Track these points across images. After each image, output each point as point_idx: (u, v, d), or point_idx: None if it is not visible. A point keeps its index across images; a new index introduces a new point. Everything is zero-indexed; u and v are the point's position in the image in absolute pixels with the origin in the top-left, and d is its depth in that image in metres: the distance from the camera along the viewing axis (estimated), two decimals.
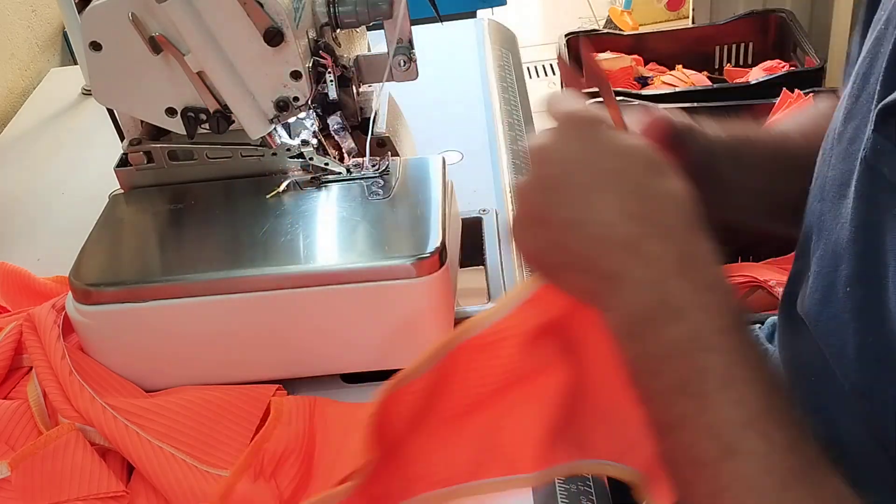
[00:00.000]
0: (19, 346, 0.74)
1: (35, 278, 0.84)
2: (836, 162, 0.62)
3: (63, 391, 0.68)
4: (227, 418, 0.68)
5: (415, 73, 0.83)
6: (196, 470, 0.65)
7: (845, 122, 0.62)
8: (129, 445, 0.65)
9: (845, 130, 0.61)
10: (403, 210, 0.73)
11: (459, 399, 0.59)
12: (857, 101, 0.61)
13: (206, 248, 0.73)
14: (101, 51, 0.72)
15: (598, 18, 3.24)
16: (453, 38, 1.30)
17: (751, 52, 2.40)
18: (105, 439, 0.66)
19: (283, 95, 0.72)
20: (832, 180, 0.62)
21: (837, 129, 0.63)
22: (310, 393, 0.72)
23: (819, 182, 0.64)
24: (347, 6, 0.77)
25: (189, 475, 0.64)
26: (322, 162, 0.78)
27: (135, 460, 0.65)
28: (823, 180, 0.63)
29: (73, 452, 0.65)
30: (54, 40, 1.51)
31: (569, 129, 0.56)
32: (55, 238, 0.97)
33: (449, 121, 1.09)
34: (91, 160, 1.12)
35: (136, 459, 0.65)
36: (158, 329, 0.69)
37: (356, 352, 0.70)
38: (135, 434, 0.65)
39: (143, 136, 0.80)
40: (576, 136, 0.56)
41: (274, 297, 0.67)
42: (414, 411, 0.59)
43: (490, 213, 0.90)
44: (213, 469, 0.65)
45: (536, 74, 2.94)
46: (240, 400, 0.69)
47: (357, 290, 0.66)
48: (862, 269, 0.56)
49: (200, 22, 0.69)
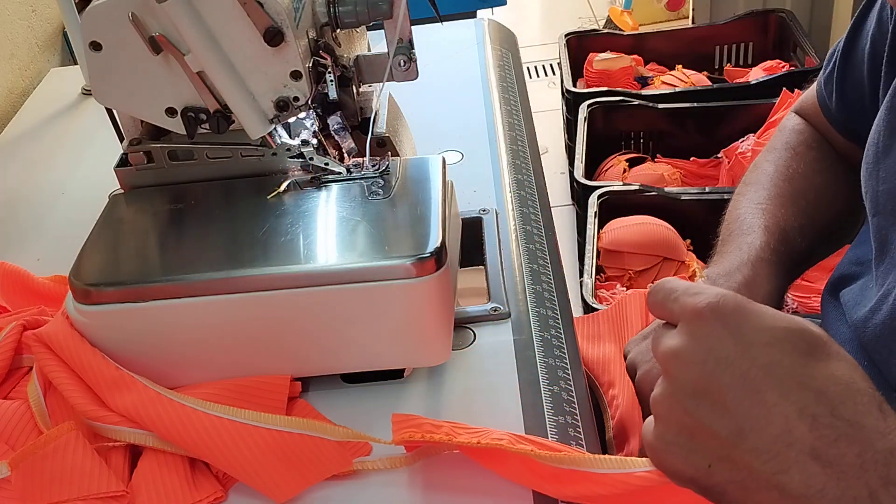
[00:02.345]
0: (19, 346, 0.74)
1: (34, 278, 0.84)
2: (887, 175, 0.62)
3: (93, 395, 0.68)
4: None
5: (415, 73, 0.83)
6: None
7: (891, 136, 0.62)
8: (199, 428, 0.65)
9: (892, 144, 0.61)
10: (403, 210, 0.73)
11: None
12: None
13: (206, 248, 0.73)
14: (101, 51, 0.72)
15: (598, 18, 3.24)
16: (453, 38, 1.30)
17: (751, 52, 2.40)
18: (162, 437, 0.66)
19: (283, 95, 0.72)
20: (885, 194, 0.62)
21: (882, 143, 0.63)
22: (310, 393, 0.72)
23: (871, 196, 0.64)
24: (347, 6, 0.77)
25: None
26: (322, 162, 0.78)
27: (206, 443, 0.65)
28: (875, 194, 0.63)
29: (74, 452, 0.65)
30: (54, 40, 1.51)
31: (701, 325, 0.48)
32: (55, 238, 0.97)
33: (449, 121, 1.09)
34: (91, 160, 1.12)
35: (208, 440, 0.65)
36: (158, 329, 0.69)
37: (356, 352, 0.70)
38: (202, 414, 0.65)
39: (143, 136, 0.80)
40: (711, 331, 0.47)
41: (274, 297, 0.67)
42: None
43: (490, 213, 0.90)
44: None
45: (536, 74, 2.94)
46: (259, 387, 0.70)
47: (357, 290, 0.66)
48: None
49: (200, 22, 0.69)
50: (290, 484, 0.64)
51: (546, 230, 0.90)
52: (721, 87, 2.19)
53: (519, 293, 0.80)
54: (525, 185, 0.96)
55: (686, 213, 1.78)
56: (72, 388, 0.68)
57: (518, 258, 0.84)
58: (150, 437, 0.66)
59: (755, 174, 0.85)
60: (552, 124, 2.47)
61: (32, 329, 0.73)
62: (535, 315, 0.78)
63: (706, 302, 0.48)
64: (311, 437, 0.66)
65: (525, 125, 1.09)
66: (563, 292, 0.83)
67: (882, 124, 0.64)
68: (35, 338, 0.71)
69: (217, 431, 0.65)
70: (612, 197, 1.80)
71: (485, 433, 0.62)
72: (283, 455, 0.64)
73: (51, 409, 0.69)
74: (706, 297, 0.48)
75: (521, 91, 1.17)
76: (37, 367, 0.71)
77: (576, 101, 2.14)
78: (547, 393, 0.70)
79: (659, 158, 2.11)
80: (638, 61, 2.38)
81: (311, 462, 0.65)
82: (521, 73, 1.23)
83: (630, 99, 2.11)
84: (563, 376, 0.72)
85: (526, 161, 1.01)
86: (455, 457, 0.64)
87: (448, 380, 0.73)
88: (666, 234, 1.73)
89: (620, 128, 2.14)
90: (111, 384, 0.67)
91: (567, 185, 2.29)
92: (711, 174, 2.04)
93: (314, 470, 0.64)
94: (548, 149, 2.44)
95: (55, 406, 0.69)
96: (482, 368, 0.73)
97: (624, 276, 1.73)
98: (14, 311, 0.79)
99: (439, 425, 0.64)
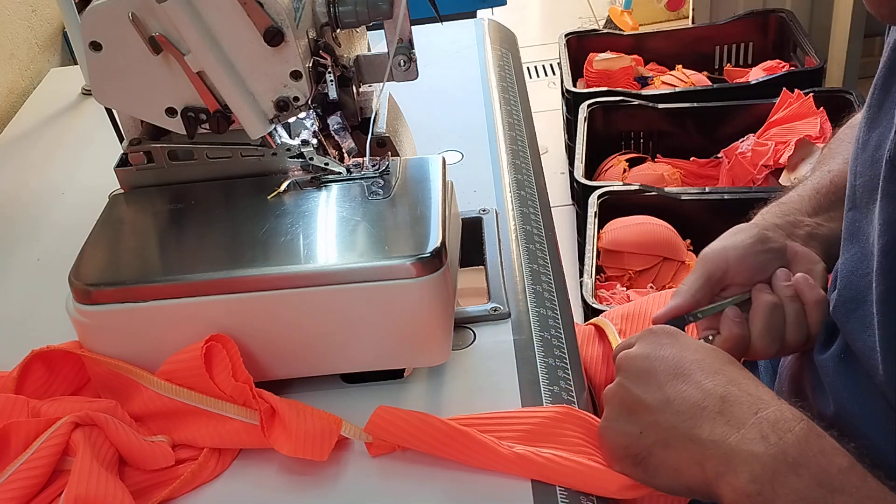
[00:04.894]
0: (67, 447, 0.65)
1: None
2: (863, 169, 0.63)
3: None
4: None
5: (415, 73, 0.83)
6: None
7: (869, 131, 0.63)
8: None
9: (869, 138, 0.63)
10: (403, 210, 0.73)
11: None
12: (879, 111, 0.62)
13: (206, 248, 0.73)
14: (101, 51, 0.72)
15: (598, 18, 3.24)
16: (453, 38, 1.30)
17: (751, 52, 2.40)
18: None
19: (283, 95, 0.72)
20: (861, 187, 0.63)
21: (861, 139, 0.64)
22: (310, 393, 0.72)
23: (850, 191, 0.65)
24: (347, 6, 0.77)
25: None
26: (322, 162, 0.78)
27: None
28: (853, 189, 0.65)
29: None
30: (54, 40, 1.51)
31: (649, 337, 0.65)
32: (55, 238, 0.97)
33: (449, 121, 1.09)
34: (91, 160, 1.12)
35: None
36: (158, 329, 0.69)
37: (356, 352, 0.70)
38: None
39: (143, 136, 0.80)
40: (655, 340, 0.65)
41: (274, 297, 0.67)
42: None
43: (490, 213, 0.90)
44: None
45: (536, 74, 2.94)
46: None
47: (357, 290, 0.66)
48: (887, 263, 0.57)
49: (200, 22, 0.69)
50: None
51: (546, 230, 0.90)
52: (721, 87, 2.19)
53: (519, 293, 0.80)
54: (525, 185, 0.96)
55: (686, 213, 1.78)
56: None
57: (518, 258, 0.84)
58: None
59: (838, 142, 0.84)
60: (552, 124, 2.47)
61: (85, 426, 0.66)
62: (535, 315, 0.78)
63: (656, 326, 0.67)
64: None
65: (525, 125, 1.09)
66: (563, 292, 0.83)
67: (863, 120, 0.65)
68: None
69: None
70: (612, 197, 1.80)
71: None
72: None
73: None
74: (656, 326, 0.67)
75: (521, 91, 1.17)
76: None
77: (576, 101, 2.14)
78: (547, 393, 0.70)
79: (659, 158, 2.11)
80: (638, 61, 2.38)
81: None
82: (521, 73, 1.23)
83: (630, 99, 2.11)
84: (563, 376, 0.72)
85: (526, 161, 1.01)
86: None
87: (448, 380, 0.73)
88: (666, 234, 1.73)
89: (620, 128, 2.14)
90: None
91: (567, 185, 2.29)
92: (711, 174, 2.04)
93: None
94: (548, 149, 2.44)
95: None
96: (482, 368, 0.73)
97: (624, 276, 1.73)
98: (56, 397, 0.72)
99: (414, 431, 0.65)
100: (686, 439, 0.59)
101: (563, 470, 0.62)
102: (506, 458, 0.62)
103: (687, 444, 0.59)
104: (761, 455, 0.55)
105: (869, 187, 0.61)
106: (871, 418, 0.60)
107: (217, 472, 0.67)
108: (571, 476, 0.62)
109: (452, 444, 0.63)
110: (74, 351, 0.71)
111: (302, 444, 0.64)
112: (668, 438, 0.60)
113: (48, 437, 0.65)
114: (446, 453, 0.64)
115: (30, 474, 0.63)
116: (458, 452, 0.64)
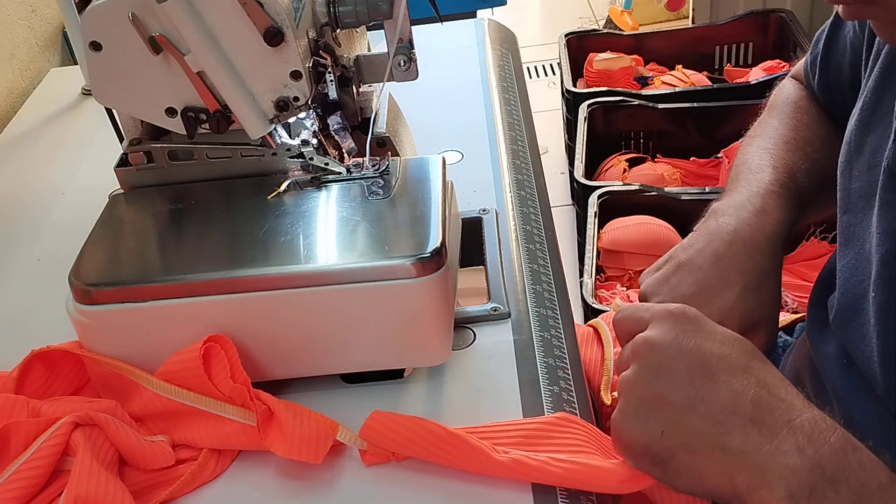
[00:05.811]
0: (68, 447, 0.65)
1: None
2: (859, 174, 0.62)
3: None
4: None
5: (415, 73, 0.83)
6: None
7: (863, 135, 0.63)
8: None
9: (864, 143, 0.62)
10: (403, 210, 0.73)
11: None
12: (874, 113, 0.62)
13: (206, 248, 0.73)
14: (101, 51, 0.72)
15: (598, 18, 3.24)
16: (453, 38, 1.30)
17: (751, 52, 2.40)
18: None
19: (283, 95, 0.72)
20: (857, 192, 0.63)
21: (854, 142, 0.64)
22: (310, 393, 0.72)
23: (843, 195, 0.65)
24: (347, 6, 0.77)
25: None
26: (322, 162, 0.78)
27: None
28: (847, 192, 0.64)
29: None
30: (54, 40, 1.51)
31: (669, 321, 0.59)
32: (55, 238, 0.97)
33: (449, 121, 1.09)
34: (91, 160, 1.12)
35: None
36: (159, 329, 0.69)
37: (356, 352, 0.70)
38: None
39: (143, 136, 0.80)
40: (677, 326, 0.59)
41: (274, 297, 0.67)
42: None
43: (490, 213, 0.90)
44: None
45: (536, 74, 2.94)
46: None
47: (357, 290, 0.66)
48: (886, 273, 0.56)
49: (200, 22, 0.69)
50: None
51: (546, 230, 0.90)
52: (721, 87, 2.19)
53: (519, 293, 0.80)
54: (525, 185, 0.96)
55: (686, 213, 1.78)
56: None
57: (518, 258, 0.84)
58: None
59: (759, 128, 0.85)
60: (552, 124, 2.47)
61: (85, 425, 0.66)
62: (535, 315, 0.78)
63: (675, 307, 0.60)
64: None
65: (525, 125, 1.09)
66: (562, 292, 0.83)
67: (855, 123, 0.64)
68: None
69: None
70: (611, 197, 1.80)
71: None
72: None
73: None
74: (675, 304, 0.60)
75: (521, 91, 1.17)
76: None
77: (576, 101, 2.14)
78: (547, 393, 0.70)
79: (659, 158, 2.11)
80: (638, 61, 2.38)
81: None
82: (521, 73, 1.23)
83: (630, 99, 2.12)
84: (563, 376, 0.72)
85: (526, 161, 1.01)
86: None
87: (448, 380, 0.73)
88: (666, 234, 1.73)
89: (620, 128, 2.15)
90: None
91: (567, 185, 2.29)
92: (711, 174, 2.04)
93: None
94: (548, 149, 2.44)
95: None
96: (482, 368, 0.73)
97: (624, 276, 1.73)
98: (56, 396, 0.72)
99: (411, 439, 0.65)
100: (713, 447, 0.55)
101: (560, 471, 0.61)
102: (501, 464, 0.62)
103: (714, 451, 0.55)
104: (798, 469, 0.52)
105: (865, 192, 0.61)
106: (872, 421, 0.60)
107: (217, 472, 0.67)
108: (569, 476, 0.61)
109: (447, 448, 0.63)
110: (74, 351, 0.71)
111: (297, 447, 0.64)
112: (693, 443, 0.56)
113: (48, 437, 0.64)
114: (441, 458, 0.64)
115: (30, 474, 0.63)
116: (452, 457, 0.63)
